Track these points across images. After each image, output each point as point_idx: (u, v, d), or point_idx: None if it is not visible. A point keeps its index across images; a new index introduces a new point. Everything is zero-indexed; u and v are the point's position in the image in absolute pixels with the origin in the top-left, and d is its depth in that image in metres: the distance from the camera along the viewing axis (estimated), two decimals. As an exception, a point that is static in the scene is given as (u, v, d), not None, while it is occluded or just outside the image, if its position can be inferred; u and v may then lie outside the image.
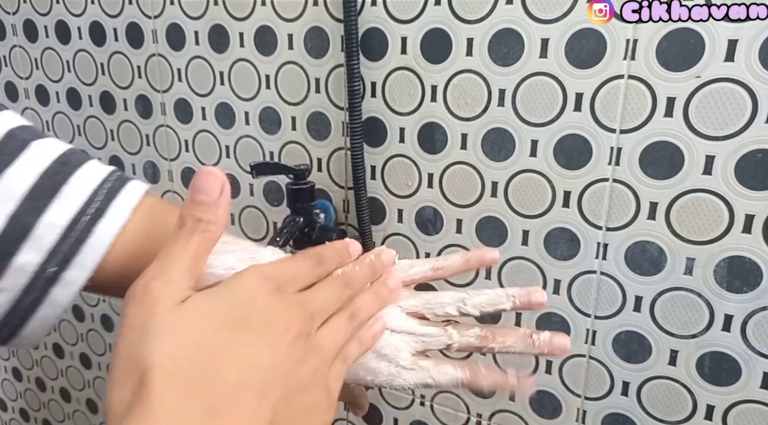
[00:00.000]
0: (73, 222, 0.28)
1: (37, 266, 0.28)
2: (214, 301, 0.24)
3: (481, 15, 0.58)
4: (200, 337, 0.23)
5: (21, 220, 0.27)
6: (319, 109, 0.71)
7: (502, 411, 0.72)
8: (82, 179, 0.30)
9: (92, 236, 0.29)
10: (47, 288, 0.28)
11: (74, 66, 0.89)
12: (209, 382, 0.22)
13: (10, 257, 0.27)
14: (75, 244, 0.28)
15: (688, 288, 0.57)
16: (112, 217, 0.30)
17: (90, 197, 0.29)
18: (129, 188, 0.31)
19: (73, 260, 0.28)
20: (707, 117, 0.52)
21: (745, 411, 0.58)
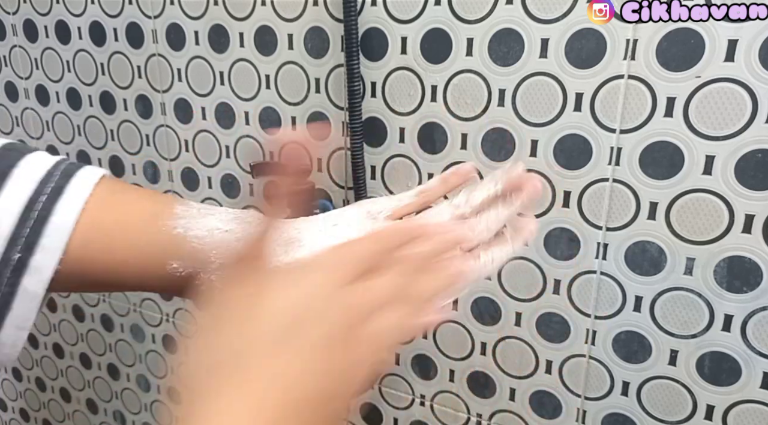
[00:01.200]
0: (29, 203, 0.26)
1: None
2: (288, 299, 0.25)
3: (481, 15, 0.58)
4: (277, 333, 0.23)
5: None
6: (319, 109, 0.71)
7: (502, 411, 0.72)
8: (33, 162, 0.28)
9: (54, 216, 0.26)
10: (16, 279, 0.26)
11: (74, 66, 0.89)
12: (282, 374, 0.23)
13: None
14: (36, 226, 0.26)
15: (688, 288, 0.57)
16: (72, 194, 0.27)
17: (45, 177, 0.27)
18: (86, 168, 0.29)
19: (37, 244, 0.26)
20: (707, 117, 0.52)
21: (745, 411, 0.58)
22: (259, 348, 0.23)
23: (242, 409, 0.21)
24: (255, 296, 0.24)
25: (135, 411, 1.11)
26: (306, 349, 0.23)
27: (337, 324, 0.25)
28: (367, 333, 0.26)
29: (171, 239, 0.29)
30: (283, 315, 0.24)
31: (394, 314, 0.27)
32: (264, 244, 0.26)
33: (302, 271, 0.26)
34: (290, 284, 0.25)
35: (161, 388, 1.05)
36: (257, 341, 0.23)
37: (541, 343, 0.66)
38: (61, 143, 0.97)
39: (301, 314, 0.24)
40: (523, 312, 0.66)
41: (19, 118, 1.00)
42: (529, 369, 0.68)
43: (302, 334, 0.24)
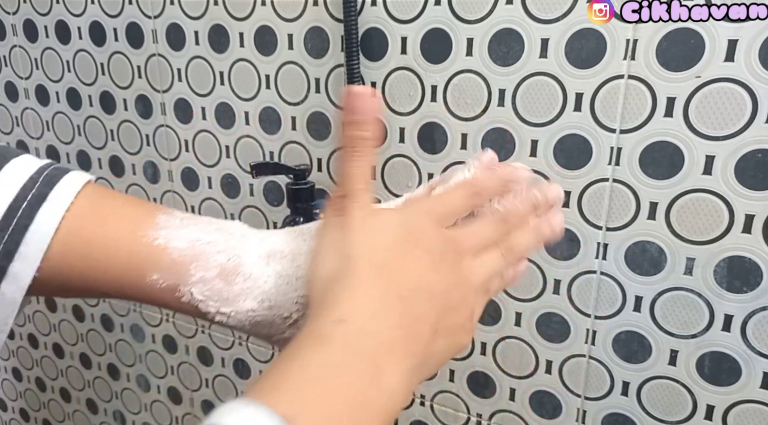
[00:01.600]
0: (10, 210, 0.26)
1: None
2: (395, 218, 0.28)
3: (481, 15, 0.58)
4: (388, 242, 0.27)
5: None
6: (319, 109, 0.71)
7: (502, 411, 0.72)
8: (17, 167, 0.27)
9: (33, 224, 0.26)
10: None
11: (74, 66, 0.89)
12: (396, 276, 0.26)
13: None
14: (15, 234, 0.26)
15: (688, 288, 0.57)
16: (54, 201, 0.27)
17: (27, 183, 0.27)
18: (70, 175, 0.29)
19: (16, 251, 0.26)
20: (707, 117, 0.52)
21: (745, 411, 0.58)
22: (381, 252, 0.27)
23: (375, 295, 0.25)
24: (369, 215, 0.28)
25: (135, 411, 1.11)
26: (422, 258, 0.27)
27: (446, 250, 0.28)
28: (473, 268, 0.30)
29: (151, 250, 0.29)
30: (400, 229, 0.28)
31: (496, 260, 0.31)
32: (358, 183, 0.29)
33: (404, 209, 0.30)
34: (398, 213, 0.29)
35: (161, 388, 1.05)
36: (373, 251, 0.26)
37: (541, 343, 0.66)
38: (61, 143, 0.97)
39: (415, 232, 0.28)
40: (523, 312, 0.66)
41: (19, 118, 1.00)
42: (529, 369, 0.68)
43: (417, 247, 0.27)
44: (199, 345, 0.95)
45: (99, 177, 0.95)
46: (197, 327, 0.94)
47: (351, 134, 0.28)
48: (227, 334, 0.91)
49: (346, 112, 0.28)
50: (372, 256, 0.26)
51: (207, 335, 0.94)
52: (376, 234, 0.27)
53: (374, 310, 0.25)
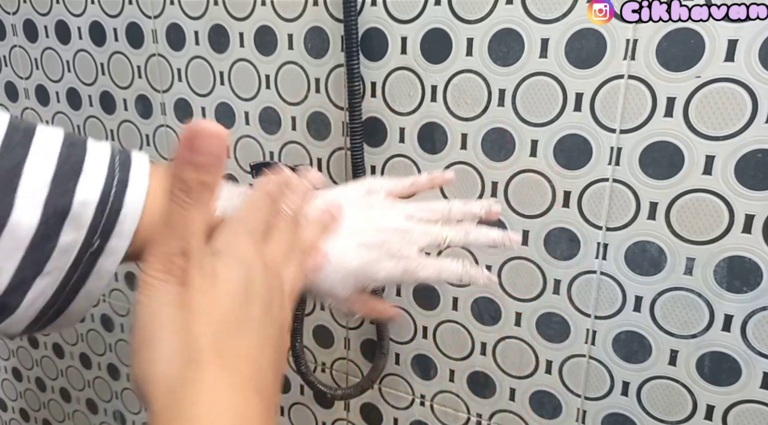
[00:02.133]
0: (103, 195, 0.30)
1: (80, 243, 0.29)
2: (234, 278, 0.27)
3: (481, 15, 0.58)
4: (226, 311, 0.26)
5: (57, 202, 0.28)
6: (319, 109, 0.71)
7: (502, 411, 0.72)
8: (95, 156, 0.31)
9: (125, 206, 0.31)
10: (94, 260, 0.30)
11: (74, 66, 0.89)
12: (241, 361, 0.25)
13: (55, 239, 0.28)
14: (111, 215, 0.30)
15: (688, 288, 0.57)
16: (135, 184, 0.31)
17: (109, 170, 0.31)
18: (135, 158, 0.33)
19: (113, 231, 0.30)
20: (707, 117, 0.52)
21: (745, 411, 0.58)
22: (224, 330, 0.25)
23: (224, 389, 0.24)
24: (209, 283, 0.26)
25: (135, 411, 1.11)
26: (258, 324, 0.27)
27: (273, 287, 0.29)
28: (286, 287, 0.31)
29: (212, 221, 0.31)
30: (237, 291, 0.27)
31: (293, 265, 0.33)
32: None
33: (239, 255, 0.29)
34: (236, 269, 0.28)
35: (161, 388, 1.05)
36: (217, 328, 0.25)
37: (541, 343, 0.66)
38: (61, 143, 0.96)
39: (249, 287, 0.27)
40: (523, 312, 0.66)
41: (19, 118, 1.00)
42: (529, 369, 0.68)
43: (254, 304, 0.27)
44: (199, 345, 0.95)
45: (99, 177, 0.95)
46: (197, 327, 0.94)
47: (189, 176, 0.25)
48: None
49: (186, 149, 0.25)
50: (216, 340, 0.24)
51: (207, 335, 0.94)
52: (216, 306, 0.25)
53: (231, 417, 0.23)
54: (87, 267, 0.30)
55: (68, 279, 0.30)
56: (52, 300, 0.30)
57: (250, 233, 0.30)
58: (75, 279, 0.30)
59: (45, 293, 0.29)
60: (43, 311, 0.30)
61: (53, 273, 0.29)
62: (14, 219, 0.27)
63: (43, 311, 0.30)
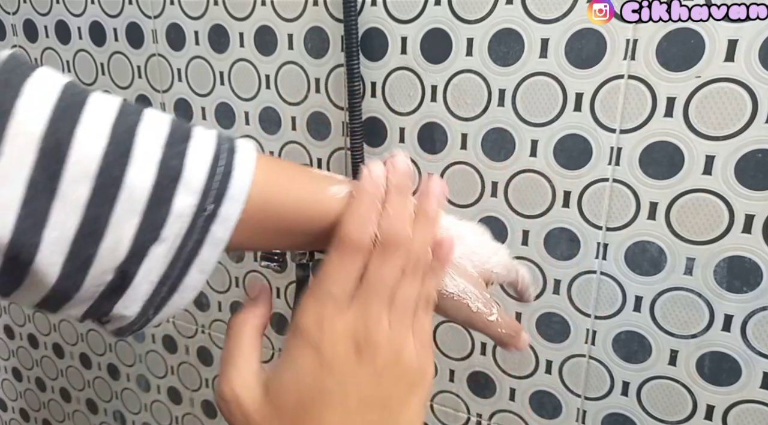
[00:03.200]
0: (214, 160, 0.29)
1: (194, 207, 0.28)
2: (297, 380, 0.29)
3: (481, 15, 0.58)
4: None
5: (170, 164, 0.28)
6: (319, 109, 0.71)
7: (502, 411, 0.72)
8: (202, 128, 0.31)
9: (235, 170, 0.30)
10: (207, 227, 0.29)
11: (74, 66, 0.89)
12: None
13: (169, 202, 0.28)
14: (223, 180, 0.29)
15: (688, 288, 0.57)
16: (243, 152, 0.31)
17: (218, 138, 0.31)
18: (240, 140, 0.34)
19: (225, 195, 0.29)
20: (707, 117, 0.52)
21: (745, 411, 0.58)
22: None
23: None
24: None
25: (135, 411, 1.11)
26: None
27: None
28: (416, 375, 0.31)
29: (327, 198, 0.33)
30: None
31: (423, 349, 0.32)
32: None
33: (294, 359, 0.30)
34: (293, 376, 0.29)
35: (161, 388, 1.05)
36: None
37: (541, 343, 0.66)
38: (61, 143, 0.96)
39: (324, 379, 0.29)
40: (523, 312, 0.66)
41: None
42: (529, 369, 0.68)
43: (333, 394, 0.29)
44: (199, 345, 0.95)
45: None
46: (197, 326, 0.94)
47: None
48: (227, 334, 0.91)
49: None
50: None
51: (207, 335, 0.94)
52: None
53: None
54: (201, 234, 0.29)
55: (183, 248, 0.29)
56: (167, 272, 0.29)
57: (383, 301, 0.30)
58: (190, 248, 0.29)
59: (160, 263, 0.29)
60: (158, 286, 0.29)
61: (168, 240, 0.28)
62: (129, 181, 0.27)
63: (158, 287, 0.29)
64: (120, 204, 0.26)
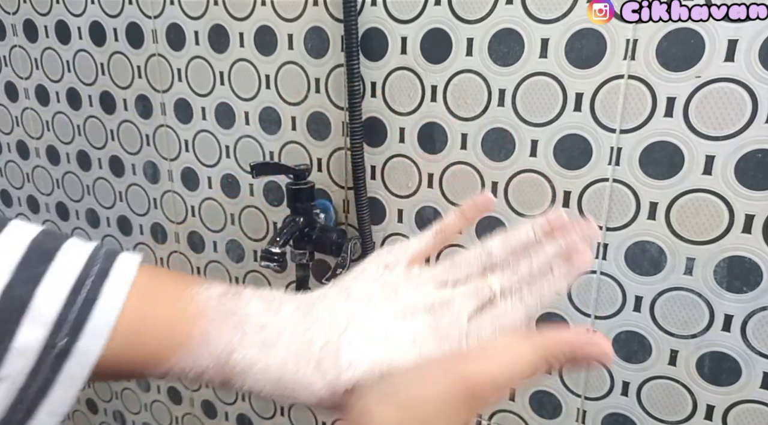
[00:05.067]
0: (76, 285, 0.25)
1: (42, 341, 0.24)
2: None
3: (481, 15, 0.58)
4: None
5: (15, 292, 0.24)
6: (319, 109, 0.71)
7: (502, 411, 0.72)
8: (76, 245, 0.27)
9: (101, 298, 0.25)
10: (59, 364, 0.25)
11: (74, 66, 0.89)
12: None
13: (9, 337, 0.24)
14: (83, 309, 0.25)
15: (688, 288, 0.57)
16: (118, 275, 0.26)
17: (90, 258, 0.26)
18: (124, 254, 0.29)
19: (84, 328, 0.25)
20: (707, 117, 0.52)
21: (745, 411, 0.58)
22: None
23: None
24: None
25: (135, 411, 1.11)
26: None
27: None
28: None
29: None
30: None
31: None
32: None
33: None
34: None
35: (161, 388, 1.05)
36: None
37: (541, 343, 0.66)
38: (61, 143, 0.97)
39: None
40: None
41: (19, 118, 1.00)
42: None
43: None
44: (199, 345, 0.95)
45: (99, 177, 0.95)
46: (197, 327, 0.94)
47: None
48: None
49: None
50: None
51: (207, 335, 0.94)
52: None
53: None
54: (51, 373, 0.24)
55: (26, 388, 0.24)
56: (8, 416, 0.24)
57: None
58: (37, 388, 0.24)
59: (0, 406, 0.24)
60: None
61: (7, 380, 0.24)
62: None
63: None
64: None
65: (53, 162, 0.99)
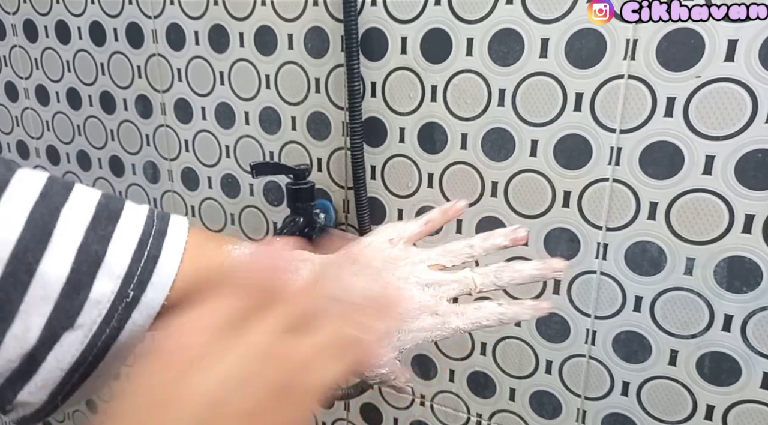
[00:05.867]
0: (140, 244, 0.28)
1: (114, 293, 0.27)
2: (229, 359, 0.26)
3: (481, 15, 0.58)
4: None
5: (90, 249, 0.27)
6: (319, 109, 0.71)
7: (502, 411, 0.72)
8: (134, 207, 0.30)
9: (163, 254, 0.28)
10: (128, 313, 0.28)
11: (74, 66, 0.89)
12: None
13: (87, 289, 0.26)
14: (148, 263, 0.28)
15: (688, 288, 0.57)
16: (174, 234, 0.30)
17: (148, 219, 0.29)
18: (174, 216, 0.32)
19: (149, 281, 0.28)
20: (707, 117, 0.52)
21: (745, 411, 0.58)
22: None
23: None
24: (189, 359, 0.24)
25: (135, 411, 1.11)
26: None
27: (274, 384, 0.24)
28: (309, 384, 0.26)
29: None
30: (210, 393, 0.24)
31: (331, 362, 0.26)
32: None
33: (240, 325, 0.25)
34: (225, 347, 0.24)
35: (161, 388, 1.05)
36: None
37: (541, 343, 0.66)
38: (61, 143, 0.97)
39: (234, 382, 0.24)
40: (523, 312, 0.66)
41: (19, 118, 1.00)
42: (529, 369, 0.68)
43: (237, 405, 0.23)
44: (199, 345, 0.95)
45: (99, 177, 0.95)
46: (197, 327, 0.94)
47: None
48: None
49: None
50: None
51: (207, 335, 0.94)
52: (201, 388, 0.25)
53: None
54: (120, 322, 0.28)
55: (99, 335, 0.27)
56: (80, 358, 0.27)
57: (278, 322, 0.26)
58: (106, 335, 0.27)
59: (73, 350, 0.27)
60: (69, 373, 0.27)
61: (84, 327, 0.27)
62: (43, 268, 0.25)
63: (68, 374, 0.27)
64: (32, 291, 0.25)
65: (53, 162, 0.99)
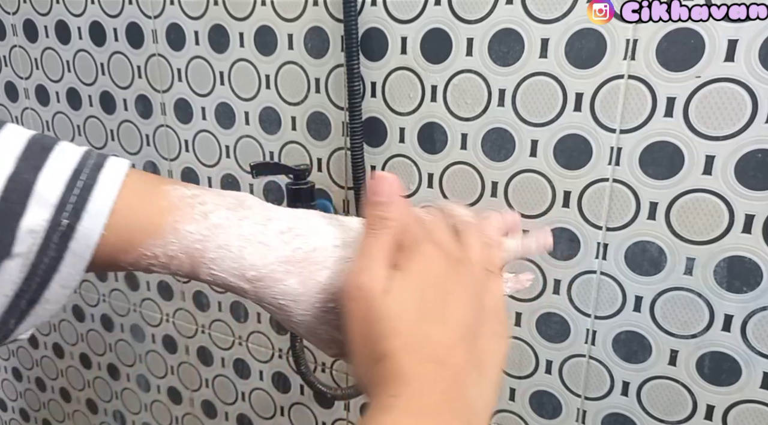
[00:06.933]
0: (75, 172, 0.28)
1: (47, 222, 0.27)
2: (408, 282, 0.30)
3: (481, 15, 0.58)
4: (411, 316, 0.29)
5: (20, 178, 0.27)
6: (319, 109, 0.71)
7: (502, 411, 0.72)
8: (70, 144, 0.30)
9: (99, 183, 0.28)
10: (64, 243, 0.28)
11: (74, 66, 0.89)
12: (431, 347, 0.29)
13: (18, 217, 0.27)
14: (83, 194, 0.28)
15: (688, 288, 0.57)
16: (112, 167, 0.29)
17: (84, 153, 0.29)
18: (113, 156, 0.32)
19: (84, 209, 0.28)
20: (707, 117, 0.52)
21: (745, 411, 0.58)
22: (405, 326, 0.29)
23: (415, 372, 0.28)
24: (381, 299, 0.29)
25: (135, 411, 1.11)
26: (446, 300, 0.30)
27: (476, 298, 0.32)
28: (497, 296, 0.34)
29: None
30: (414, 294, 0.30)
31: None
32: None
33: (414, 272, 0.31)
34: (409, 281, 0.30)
35: (161, 388, 1.05)
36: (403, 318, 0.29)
37: (541, 343, 0.66)
38: (61, 143, 0.96)
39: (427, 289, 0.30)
40: (523, 312, 0.66)
41: (19, 118, 1.00)
42: (529, 369, 0.68)
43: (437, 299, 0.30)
44: (199, 345, 0.95)
45: (99, 177, 0.95)
46: (197, 327, 0.94)
47: (373, 213, 0.32)
48: (227, 334, 0.91)
49: (370, 193, 0.32)
50: (402, 341, 0.28)
51: (207, 335, 0.94)
52: (399, 316, 0.29)
53: (418, 384, 0.27)
54: (58, 251, 0.28)
55: (38, 264, 0.28)
56: (24, 285, 0.28)
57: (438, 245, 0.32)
58: (45, 264, 0.28)
59: (15, 278, 0.28)
60: (15, 299, 0.28)
61: (21, 256, 0.27)
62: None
63: (14, 300, 0.28)
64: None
65: (53, 162, 0.99)
